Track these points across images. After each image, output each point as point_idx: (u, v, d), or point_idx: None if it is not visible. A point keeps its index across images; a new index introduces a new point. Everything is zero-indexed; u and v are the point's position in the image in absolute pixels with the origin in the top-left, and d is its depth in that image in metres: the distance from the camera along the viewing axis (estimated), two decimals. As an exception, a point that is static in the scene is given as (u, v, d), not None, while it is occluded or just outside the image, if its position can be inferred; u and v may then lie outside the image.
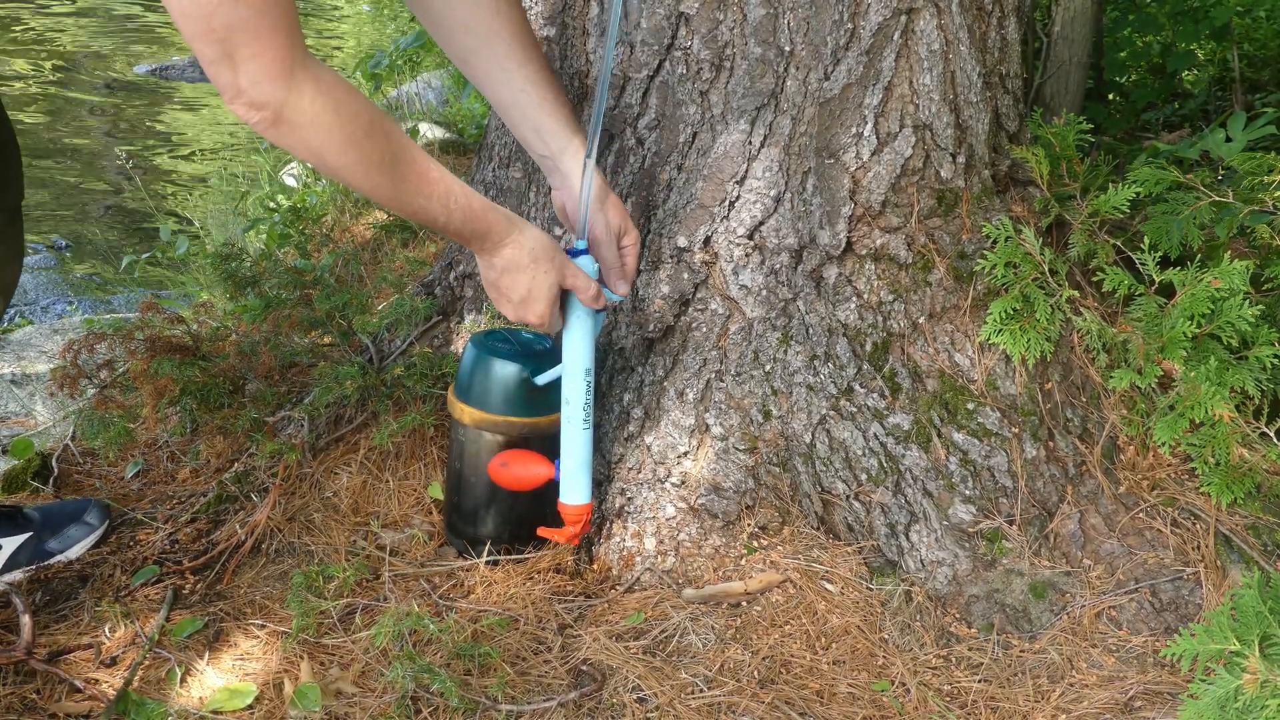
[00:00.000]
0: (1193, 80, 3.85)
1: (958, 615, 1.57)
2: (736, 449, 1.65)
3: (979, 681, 1.47)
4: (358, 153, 1.26)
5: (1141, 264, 1.69)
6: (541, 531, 1.63)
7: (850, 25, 1.56)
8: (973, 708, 1.43)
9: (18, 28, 8.51)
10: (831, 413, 1.65)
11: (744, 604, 1.58)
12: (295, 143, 1.23)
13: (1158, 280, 1.67)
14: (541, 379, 1.57)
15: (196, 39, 1.14)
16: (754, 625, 1.54)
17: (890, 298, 1.67)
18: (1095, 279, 1.75)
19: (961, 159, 1.67)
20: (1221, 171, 2.21)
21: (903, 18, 1.56)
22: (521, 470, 1.59)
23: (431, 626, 1.48)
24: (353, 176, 1.28)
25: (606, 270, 1.58)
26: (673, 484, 1.65)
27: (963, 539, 1.60)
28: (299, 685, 1.42)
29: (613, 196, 1.56)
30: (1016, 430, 1.65)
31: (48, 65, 7.59)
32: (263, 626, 1.55)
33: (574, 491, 1.58)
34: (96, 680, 1.45)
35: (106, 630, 1.54)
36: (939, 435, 1.64)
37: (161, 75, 7.64)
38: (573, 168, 1.54)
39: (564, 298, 1.52)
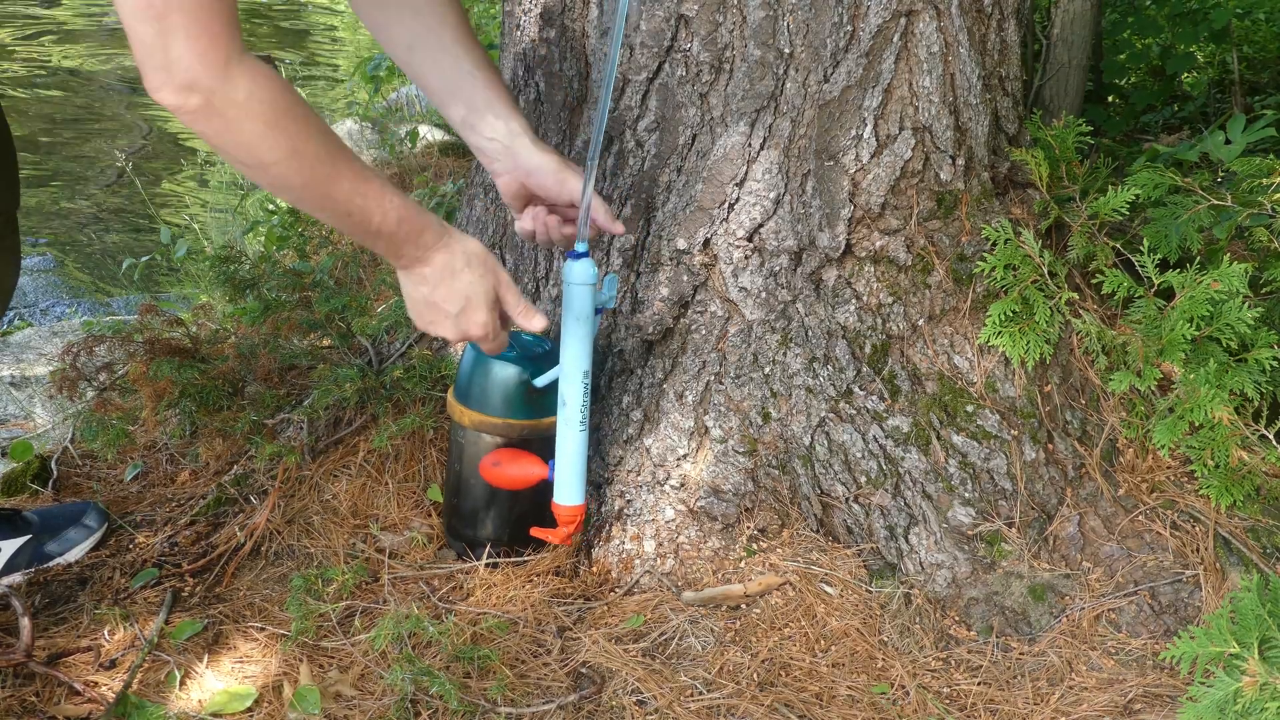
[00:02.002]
0: (1192, 82, 3.85)
1: (957, 618, 1.57)
2: (736, 451, 1.65)
3: (978, 684, 1.47)
4: (291, 146, 1.21)
5: (1141, 266, 1.69)
6: (534, 531, 1.63)
7: (850, 27, 1.56)
8: (972, 710, 1.43)
9: (16, 29, 8.51)
10: (831, 415, 1.65)
11: (743, 607, 1.58)
12: (225, 134, 1.18)
13: (1157, 283, 1.67)
14: (541, 381, 1.57)
15: (133, 17, 1.10)
16: (753, 628, 1.54)
17: (889, 300, 1.67)
18: (1094, 281, 1.75)
19: (961, 161, 1.67)
20: (1221, 174, 2.22)
21: (902, 20, 1.56)
22: (514, 470, 1.59)
23: (431, 629, 1.48)
24: (286, 172, 1.23)
25: (597, 215, 1.52)
26: (672, 486, 1.65)
27: (962, 541, 1.60)
28: (298, 688, 1.42)
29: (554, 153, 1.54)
30: (1016, 433, 1.65)
31: (45, 67, 7.59)
32: (262, 629, 1.55)
33: (568, 492, 1.58)
34: (96, 683, 1.45)
35: (106, 633, 1.54)
36: (938, 437, 1.64)
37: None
38: (524, 146, 1.51)
39: (565, 297, 1.51)
